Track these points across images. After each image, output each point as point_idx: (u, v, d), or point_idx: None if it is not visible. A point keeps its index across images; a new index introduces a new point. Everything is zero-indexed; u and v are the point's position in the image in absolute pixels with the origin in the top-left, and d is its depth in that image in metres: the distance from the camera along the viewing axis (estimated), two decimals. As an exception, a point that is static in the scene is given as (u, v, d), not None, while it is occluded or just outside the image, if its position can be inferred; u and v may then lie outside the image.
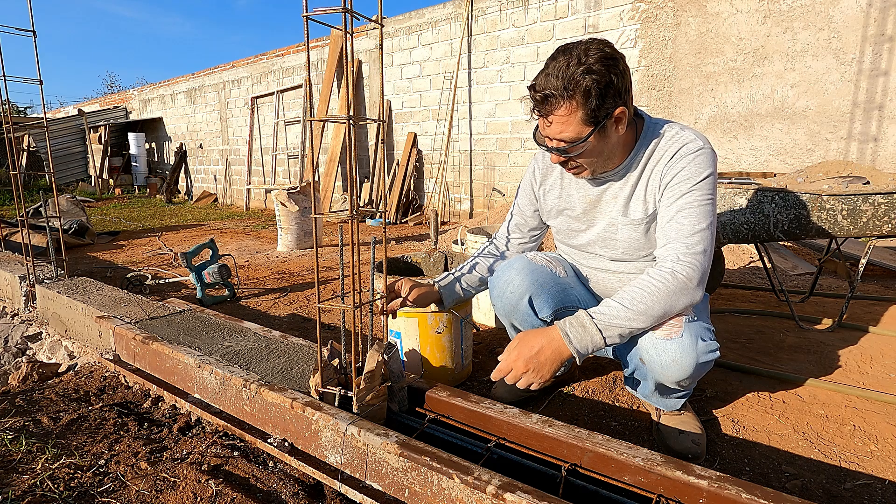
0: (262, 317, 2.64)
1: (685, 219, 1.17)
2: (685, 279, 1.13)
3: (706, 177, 1.18)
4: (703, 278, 1.15)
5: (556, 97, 1.11)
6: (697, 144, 1.20)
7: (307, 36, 1.04)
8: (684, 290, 1.13)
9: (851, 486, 1.20)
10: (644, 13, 4.61)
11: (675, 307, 1.14)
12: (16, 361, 2.35)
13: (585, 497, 1.04)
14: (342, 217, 1.11)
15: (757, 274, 3.26)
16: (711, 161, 1.19)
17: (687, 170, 1.18)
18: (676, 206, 1.18)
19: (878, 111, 3.67)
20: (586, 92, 1.09)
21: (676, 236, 1.17)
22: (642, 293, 1.13)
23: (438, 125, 6.37)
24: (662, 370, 1.18)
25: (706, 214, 1.17)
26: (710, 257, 1.17)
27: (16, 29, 2.40)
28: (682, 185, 1.18)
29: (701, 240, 1.15)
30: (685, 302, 1.14)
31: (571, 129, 1.14)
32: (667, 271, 1.14)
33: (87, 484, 1.21)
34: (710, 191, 1.18)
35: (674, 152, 1.20)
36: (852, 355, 1.90)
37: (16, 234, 4.71)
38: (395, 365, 1.34)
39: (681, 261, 1.14)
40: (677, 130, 1.24)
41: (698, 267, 1.14)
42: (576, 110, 1.12)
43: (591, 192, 1.35)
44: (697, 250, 1.15)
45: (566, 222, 1.43)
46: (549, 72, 1.13)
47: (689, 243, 1.15)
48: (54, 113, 16.11)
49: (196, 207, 9.16)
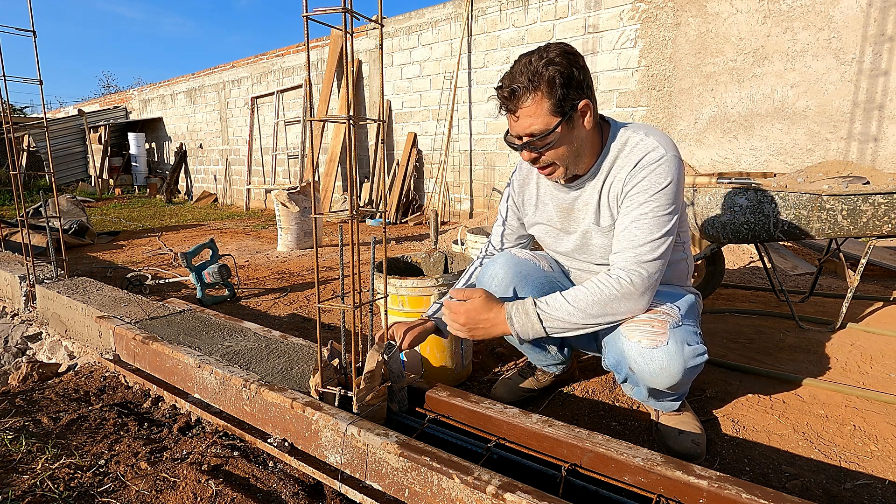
0: (262, 317, 2.64)
1: (638, 229, 1.18)
2: (629, 286, 1.15)
3: (666, 186, 1.17)
4: (649, 287, 1.17)
5: (522, 90, 1.14)
6: (660, 152, 1.19)
7: (307, 36, 1.04)
8: (627, 297, 1.16)
9: (851, 486, 1.20)
10: (644, 13, 4.61)
11: (615, 312, 1.17)
12: (16, 361, 2.35)
13: (585, 497, 1.04)
14: (342, 217, 1.12)
15: (757, 274, 3.26)
16: (673, 169, 1.18)
17: (647, 180, 1.18)
18: (631, 217, 1.20)
19: (879, 111, 3.67)
20: (550, 81, 1.12)
21: (628, 245, 1.19)
22: (586, 293, 1.17)
23: (438, 125, 6.37)
24: (652, 378, 1.19)
25: (661, 224, 1.17)
26: (662, 266, 1.18)
27: (16, 29, 2.40)
28: (641, 196, 1.19)
29: (651, 250, 1.17)
30: (626, 308, 1.17)
31: (540, 120, 1.16)
32: (613, 277, 1.17)
33: (87, 484, 1.21)
34: (670, 200, 1.18)
35: (636, 160, 1.20)
36: (852, 355, 1.90)
37: (16, 234, 4.71)
38: (395, 365, 1.33)
39: (628, 269, 1.17)
40: (642, 136, 1.23)
41: (645, 277, 1.16)
42: (542, 101, 1.14)
43: (565, 200, 1.36)
44: (645, 259, 1.16)
45: (545, 230, 1.46)
46: (513, 71, 1.17)
47: (638, 253, 1.17)
48: (54, 113, 16.11)
49: (196, 207, 9.16)
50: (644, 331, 1.18)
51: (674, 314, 1.20)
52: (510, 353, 2.01)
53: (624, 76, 4.82)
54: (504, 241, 1.57)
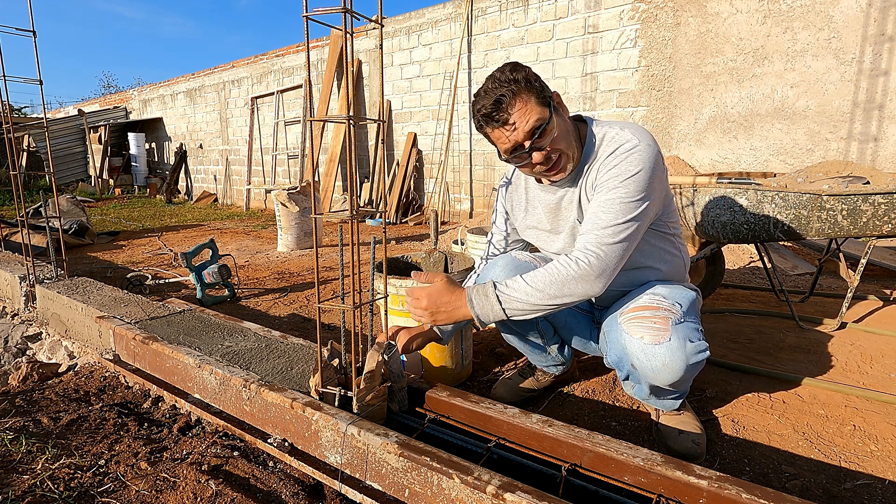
0: (262, 317, 2.64)
1: (604, 213, 1.19)
2: (586, 267, 1.15)
3: (636, 173, 1.18)
4: (606, 270, 1.17)
5: (507, 96, 1.18)
6: (632, 143, 1.21)
7: (307, 36, 1.04)
8: (583, 278, 1.15)
9: (851, 486, 1.20)
10: (644, 13, 4.61)
11: (572, 293, 1.16)
12: (16, 361, 2.36)
13: (585, 497, 1.04)
14: (342, 217, 1.12)
15: (757, 274, 3.26)
16: (645, 157, 1.19)
17: (617, 167, 1.20)
18: (598, 201, 1.21)
19: (878, 111, 3.67)
20: (526, 80, 1.19)
21: (590, 228, 1.20)
22: (544, 274, 1.17)
23: (438, 125, 6.37)
24: (653, 374, 1.19)
25: (627, 210, 1.18)
26: (623, 251, 1.18)
27: (16, 29, 2.40)
28: (610, 182, 1.20)
29: (613, 233, 1.17)
30: (582, 290, 1.16)
31: (534, 113, 1.19)
32: (572, 259, 1.17)
33: (87, 484, 1.21)
34: (640, 188, 1.19)
35: (609, 152, 1.23)
36: (852, 355, 1.90)
37: (16, 234, 4.71)
38: (395, 365, 1.33)
39: (587, 250, 1.17)
40: (617, 131, 1.26)
41: (602, 258, 1.16)
42: (529, 97, 1.18)
43: (552, 201, 1.38)
44: (606, 241, 1.17)
45: (537, 234, 1.47)
46: (487, 90, 1.21)
47: (599, 235, 1.17)
48: (54, 113, 16.11)
49: (196, 207, 9.16)
50: (646, 327, 1.18)
51: (676, 311, 1.20)
52: (510, 353, 2.01)
53: (624, 76, 4.82)
54: (500, 248, 1.59)
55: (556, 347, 1.57)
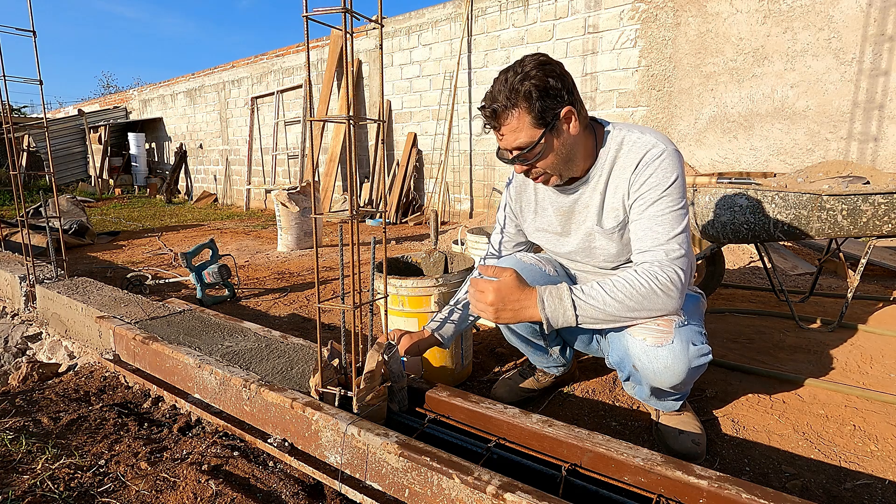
0: (262, 317, 2.64)
1: (659, 226, 1.17)
2: (668, 284, 1.13)
3: (673, 181, 1.17)
4: (684, 288, 1.15)
5: (503, 109, 1.16)
6: (660, 148, 1.19)
7: (307, 36, 1.04)
8: (666, 294, 1.13)
9: (851, 486, 1.20)
10: (644, 13, 4.61)
11: (651, 308, 1.14)
12: (16, 361, 2.36)
13: (585, 497, 1.04)
14: (342, 217, 1.12)
15: (757, 274, 3.26)
16: (677, 163, 1.19)
17: (655, 176, 1.18)
18: (648, 214, 1.19)
19: (879, 111, 3.67)
20: (527, 96, 1.14)
21: (653, 244, 1.17)
22: (625, 284, 1.13)
23: (438, 125, 6.37)
24: (655, 376, 1.19)
25: (678, 219, 1.17)
26: (689, 263, 1.17)
27: (16, 29, 2.40)
28: (652, 193, 1.18)
29: (679, 245, 1.16)
30: (662, 306, 1.14)
31: (524, 134, 1.17)
32: (651, 273, 1.14)
33: (87, 484, 1.21)
34: (681, 194, 1.18)
35: (638, 159, 1.21)
36: (852, 355, 1.90)
37: (16, 234, 4.71)
38: (395, 365, 1.34)
39: (663, 267, 1.14)
40: (638, 135, 1.24)
41: (680, 275, 1.14)
42: (523, 116, 1.15)
43: (564, 204, 1.36)
44: (677, 256, 1.15)
45: (546, 237, 1.46)
46: (493, 90, 1.18)
47: (667, 250, 1.15)
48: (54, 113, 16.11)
49: (196, 207, 9.16)
50: (649, 329, 1.17)
51: (679, 313, 1.20)
52: (510, 353, 2.01)
53: (624, 76, 4.82)
54: (502, 248, 1.57)
55: (557, 349, 1.57)
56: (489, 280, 1.20)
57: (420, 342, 1.41)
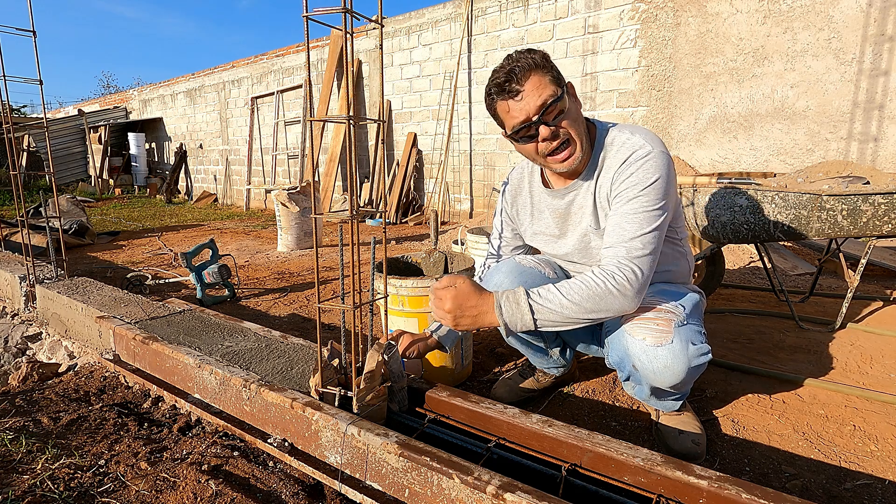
0: (262, 317, 2.64)
1: (629, 223, 1.17)
2: (625, 283, 1.12)
3: (654, 181, 1.17)
4: (643, 286, 1.15)
5: (521, 69, 1.16)
6: (646, 149, 1.19)
7: (307, 36, 1.04)
8: (622, 294, 1.12)
9: (851, 486, 1.20)
10: (644, 13, 4.61)
11: (609, 308, 1.13)
12: (16, 361, 2.36)
13: (585, 497, 1.04)
14: (342, 217, 1.12)
15: (757, 274, 3.26)
16: (662, 165, 1.18)
17: (635, 176, 1.18)
18: (621, 212, 1.19)
19: (879, 111, 3.67)
20: (543, 59, 1.18)
21: (618, 240, 1.17)
22: (581, 286, 1.13)
23: (438, 125, 6.37)
24: (655, 376, 1.19)
25: (651, 220, 1.17)
26: (653, 262, 1.17)
27: (16, 29, 2.40)
28: (630, 191, 1.18)
29: (642, 245, 1.15)
30: (619, 305, 1.13)
31: (547, 88, 1.17)
32: (608, 273, 1.14)
33: (87, 484, 1.21)
34: (659, 196, 1.18)
35: (624, 158, 1.21)
36: (852, 355, 1.90)
37: (16, 234, 4.71)
38: (395, 365, 1.34)
39: (621, 265, 1.14)
40: (628, 135, 1.24)
41: (638, 274, 1.13)
42: (543, 74, 1.17)
43: (560, 206, 1.36)
44: (637, 255, 1.15)
45: (544, 239, 1.46)
46: (502, 65, 1.20)
47: (630, 248, 1.15)
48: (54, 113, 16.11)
49: (196, 207, 9.16)
50: (649, 329, 1.17)
51: (678, 313, 1.19)
52: (510, 353, 2.01)
53: (624, 76, 4.82)
54: (501, 252, 1.58)
55: (557, 350, 1.57)
56: (447, 287, 1.19)
57: (421, 345, 1.41)
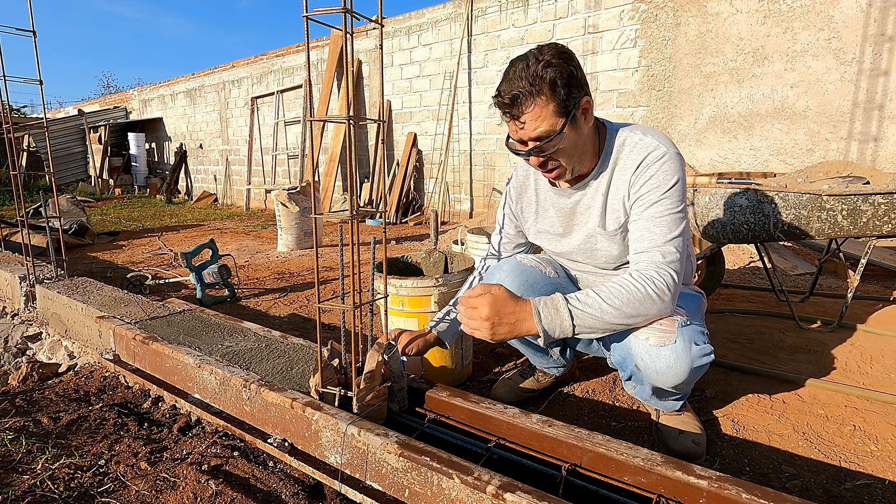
0: (262, 317, 2.64)
1: (657, 227, 1.17)
2: (663, 288, 1.12)
3: (674, 183, 1.17)
4: (677, 291, 1.15)
5: (525, 95, 1.12)
6: (662, 151, 1.19)
7: (307, 36, 1.04)
8: (660, 298, 1.12)
9: (851, 486, 1.20)
10: (644, 13, 4.61)
11: (647, 313, 1.13)
12: (16, 361, 2.36)
13: (585, 497, 1.04)
14: (342, 217, 1.11)
15: (757, 274, 3.26)
16: (678, 166, 1.19)
17: (655, 178, 1.18)
18: (647, 215, 1.18)
19: (879, 111, 3.67)
20: (552, 83, 1.11)
21: (650, 245, 1.17)
22: (620, 290, 1.12)
23: (438, 125, 6.37)
24: (658, 376, 1.19)
25: (676, 222, 1.17)
26: (683, 266, 1.18)
27: (16, 29, 2.40)
28: (652, 195, 1.18)
29: (675, 249, 1.16)
30: (657, 310, 1.13)
31: (546, 123, 1.14)
32: (647, 277, 1.13)
33: (87, 484, 1.21)
34: (680, 198, 1.18)
35: (639, 160, 1.20)
36: (852, 355, 1.90)
37: (16, 234, 4.71)
38: (395, 365, 1.33)
39: (658, 270, 1.14)
40: (640, 136, 1.23)
41: (673, 279, 1.14)
42: (546, 104, 1.13)
43: (566, 205, 1.35)
44: (671, 259, 1.15)
45: (548, 238, 1.45)
46: (510, 77, 1.15)
47: (663, 252, 1.15)
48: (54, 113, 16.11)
49: (196, 207, 9.16)
50: (652, 328, 1.17)
51: (682, 313, 1.19)
52: (510, 353, 2.01)
53: (624, 76, 4.82)
54: (502, 249, 1.57)
55: (557, 350, 1.57)
56: (481, 295, 1.15)
57: (420, 341, 1.40)
